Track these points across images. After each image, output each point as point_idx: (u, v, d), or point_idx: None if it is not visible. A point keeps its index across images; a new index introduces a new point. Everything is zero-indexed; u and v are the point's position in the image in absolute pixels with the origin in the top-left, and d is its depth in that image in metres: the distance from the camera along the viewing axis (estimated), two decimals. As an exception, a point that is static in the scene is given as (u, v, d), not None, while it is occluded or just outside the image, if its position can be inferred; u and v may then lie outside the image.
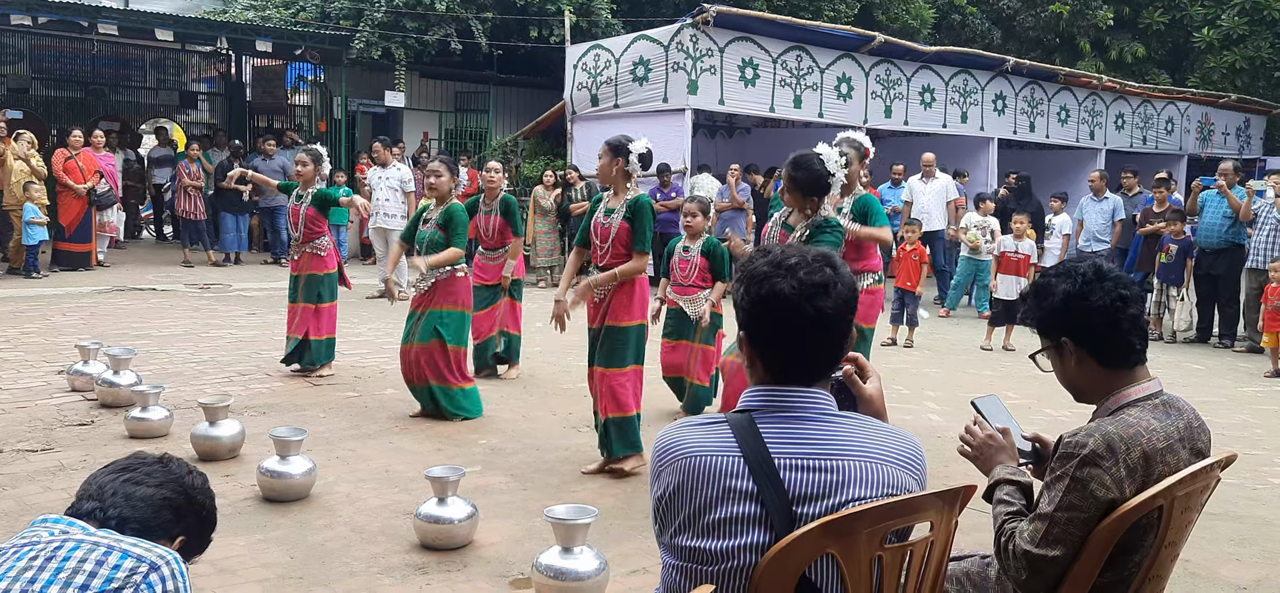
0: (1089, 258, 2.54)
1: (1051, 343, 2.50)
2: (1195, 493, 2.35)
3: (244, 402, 6.71)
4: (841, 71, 15.26)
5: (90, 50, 19.39)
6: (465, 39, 17.08)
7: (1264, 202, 10.76)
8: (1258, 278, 10.68)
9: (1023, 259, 10.82)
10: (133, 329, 9.36)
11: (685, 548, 1.90)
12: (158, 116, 20.96)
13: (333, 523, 4.57)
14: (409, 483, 5.13)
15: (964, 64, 16.69)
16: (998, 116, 17.12)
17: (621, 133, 5.63)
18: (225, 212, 15.18)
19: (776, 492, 1.84)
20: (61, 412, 6.34)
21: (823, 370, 1.97)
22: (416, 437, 6.11)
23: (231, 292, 12.47)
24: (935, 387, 8.38)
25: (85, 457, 5.36)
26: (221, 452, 5.41)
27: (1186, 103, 20.00)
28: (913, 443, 1.96)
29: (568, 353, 8.38)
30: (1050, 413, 7.28)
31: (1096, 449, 2.26)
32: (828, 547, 1.81)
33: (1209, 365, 10.16)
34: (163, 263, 14.79)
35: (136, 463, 2.20)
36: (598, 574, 3.79)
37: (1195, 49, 21.86)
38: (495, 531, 4.53)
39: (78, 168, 13.13)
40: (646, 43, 14.37)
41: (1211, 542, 4.75)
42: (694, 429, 1.95)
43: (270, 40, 16.96)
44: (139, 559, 1.85)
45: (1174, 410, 2.41)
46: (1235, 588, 4.27)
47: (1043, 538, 2.28)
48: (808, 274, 1.90)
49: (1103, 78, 18.88)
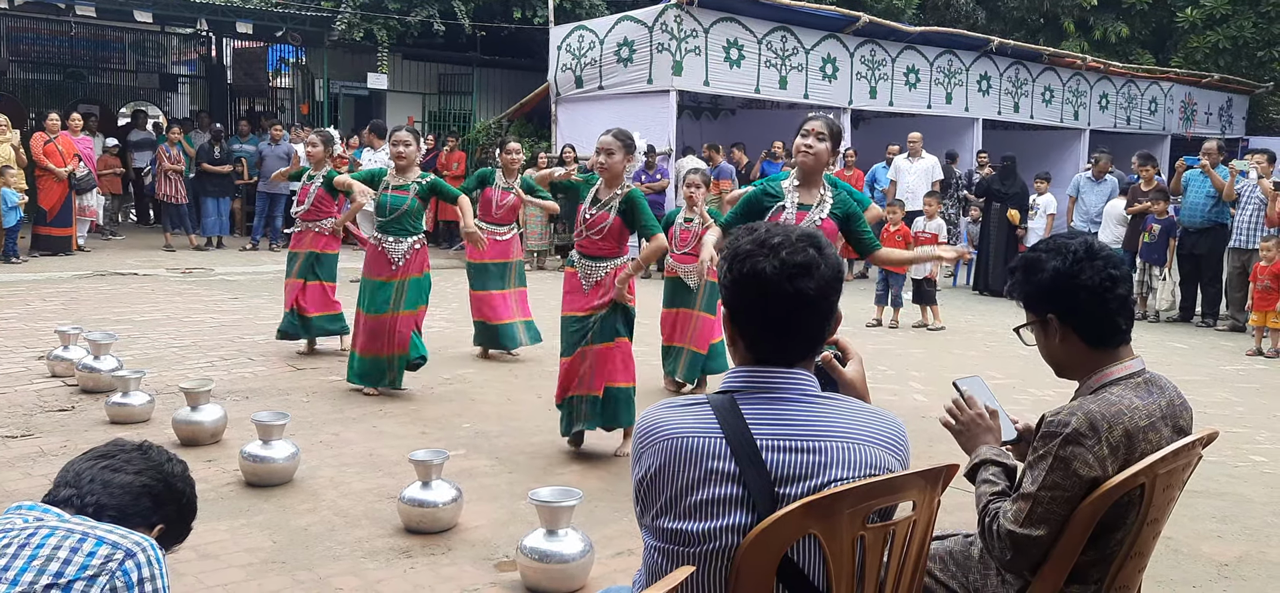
0: (1081, 235, 2.51)
1: (1037, 318, 2.49)
2: (1177, 471, 2.35)
3: (226, 386, 6.68)
4: (826, 52, 15.23)
5: (68, 33, 19.19)
6: (448, 20, 16.97)
7: (1247, 182, 10.81)
8: (1240, 257, 10.75)
9: (931, 238, 11.03)
10: (114, 314, 9.29)
11: (667, 530, 1.89)
12: (137, 100, 20.77)
13: (316, 507, 4.55)
14: (393, 467, 5.11)
15: (948, 45, 16.69)
16: (982, 97, 17.14)
17: (616, 123, 5.63)
18: (206, 195, 15.08)
19: (758, 473, 1.83)
20: (41, 397, 6.29)
21: (805, 351, 1.96)
22: (400, 420, 6.09)
23: (214, 276, 12.39)
24: (919, 367, 8.40)
25: (65, 443, 5.32)
26: (204, 437, 5.38)
27: (1170, 83, 20.08)
28: (895, 423, 1.95)
29: (553, 336, 8.35)
30: (1034, 392, 7.31)
31: (1079, 428, 2.26)
32: (810, 527, 1.80)
33: (1192, 344, 10.22)
34: (144, 247, 14.67)
35: (115, 450, 2.17)
36: (582, 557, 3.78)
37: (1178, 29, 21.94)
38: (480, 514, 4.52)
39: (57, 152, 13.00)
40: (630, 23, 14.31)
41: (1193, 519, 4.78)
42: (675, 411, 1.94)
43: (251, 22, 16.82)
44: (114, 546, 1.83)
45: (1156, 389, 2.41)
46: (1217, 565, 4.30)
47: (1026, 518, 2.28)
48: (790, 254, 1.89)
49: (1087, 58, 18.93)
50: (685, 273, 7.02)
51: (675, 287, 7.13)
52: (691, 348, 6.98)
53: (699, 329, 6.97)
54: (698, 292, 6.96)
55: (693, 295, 6.99)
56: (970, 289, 13.99)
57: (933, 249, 6.32)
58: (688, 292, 7.02)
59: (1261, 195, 10.56)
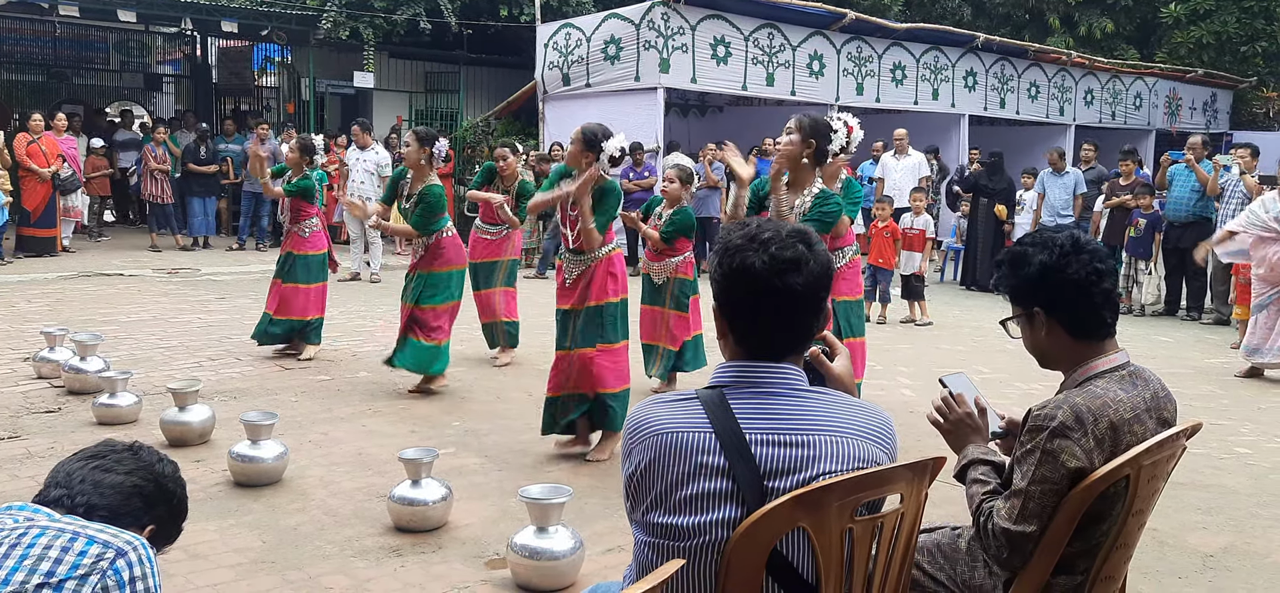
0: (1067, 229, 2.53)
1: (1023, 312, 2.51)
2: (1161, 462, 2.37)
3: (214, 387, 6.66)
4: (813, 49, 15.26)
5: (52, 33, 19.06)
6: (434, 18, 16.91)
7: (1230, 176, 10.88)
8: (1224, 251, 10.81)
9: (918, 234, 11.08)
10: (100, 315, 9.25)
11: (657, 525, 1.90)
12: (121, 100, 20.65)
13: (306, 507, 4.55)
14: (382, 466, 5.11)
15: (935, 41, 16.73)
16: (968, 93, 17.19)
17: (599, 121, 5.52)
18: (192, 195, 15.02)
19: (748, 467, 1.84)
20: (28, 399, 6.26)
21: (794, 346, 1.97)
22: (389, 419, 6.09)
23: (200, 276, 12.34)
24: (907, 362, 8.43)
25: (53, 444, 5.30)
26: (192, 437, 5.36)
27: (1154, 78, 20.16)
28: (883, 417, 1.97)
29: (544, 332, 8.35)
30: (1021, 386, 7.36)
31: (1065, 421, 2.28)
32: (799, 520, 1.81)
33: (1176, 337, 10.29)
34: (129, 248, 14.60)
35: (106, 450, 2.17)
36: (573, 553, 3.79)
37: (1163, 24, 22.02)
38: (470, 512, 4.53)
39: (41, 152, 12.93)
40: (618, 21, 14.30)
41: (1178, 510, 4.82)
42: (665, 406, 1.95)
43: (235, 21, 16.73)
44: (105, 545, 1.83)
45: (1140, 381, 2.43)
46: (1202, 555, 4.34)
47: (1019, 514, 2.30)
48: (779, 249, 1.90)
49: (1072, 53, 19.00)
50: (655, 271, 6.97)
51: (648, 284, 7.08)
52: (666, 346, 6.93)
53: (670, 326, 6.94)
54: (666, 289, 6.91)
55: (662, 293, 6.94)
56: (957, 284, 14.05)
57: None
58: (659, 290, 6.98)
59: (1244, 190, 10.62)
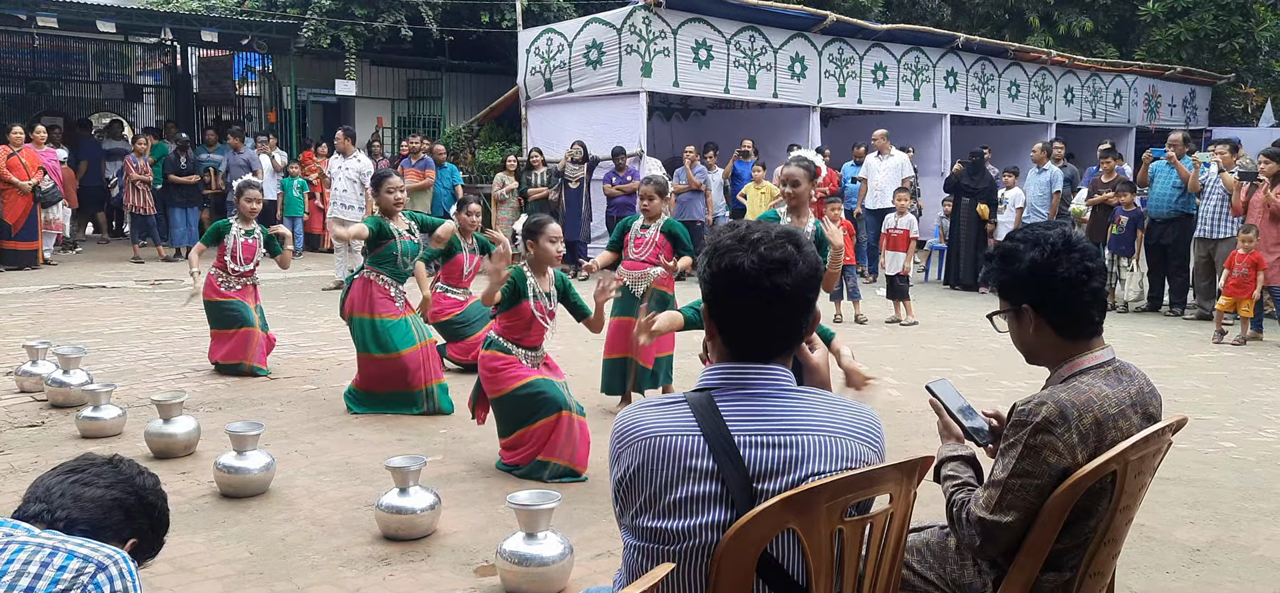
0: (1058, 226, 2.53)
1: (1011, 307, 2.51)
2: (1147, 457, 2.38)
3: (199, 398, 6.61)
4: (794, 51, 15.30)
5: (30, 44, 18.90)
6: (416, 25, 16.88)
7: (1209, 173, 10.96)
8: (1206, 246, 10.88)
9: (902, 234, 11.15)
10: (82, 327, 9.18)
11: (646, 529, 1.89)
12: (101, 112, 20.50)
13: (293, 517, 4.52)
14: (370, 474, 5.08)
15: (915, 41, 16.81)
16: (950, 93, 17.28)
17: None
18: (174, 206, 14.93)
19: (736, 469, 1.83)
20: (10, 413, 6.21)
21: (782, 347, 1.97)
22: (376, 428, 6.06)
23: (183, 287, 12.24)
24: (893, 362, 8.45)
25: (36, 458, 5.25)
26: (177, 449, 5.32)
27: (1134, 75, 20.31)
28: (870, 415, 1.97)
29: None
30: (1006, 385, 7.38)
31: (1049, 416, 2.28)
32: (788, 522, 1.81)
33: (1160, 333, 10.35)
34: (112, 260, 14.50)
35: (85, 464, 2.15)
36: (562, 559, 3.78)
37: (1141, 22, 22.20)
38: (458, 519, 4.51)
39: (21, 165, 12.83)
40: (599, 26, 14.30)
41: (1165, 506, 4.84)
42: (653, 410, 1.94)
43: (216, 30, 16.67)
44: (86, 560, 1.81)
45: (1125, 377, 2.44)
46: (1189, 550, 4.36)
47: (996, 504, 2.31)
48: (768, 250, 1.90)
49: (1052, 52, 19.12)
50: (633, 280, 6.72)
51: (624, 295, 6.77)
52: (638, 361, 6.66)
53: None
54: (643, 302, 6.63)
55: (637, 305, 6.63)
56: (941, 284, 14.09)
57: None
58: (635, 301, 6.70)
59: (1223, 187, 10.70)
